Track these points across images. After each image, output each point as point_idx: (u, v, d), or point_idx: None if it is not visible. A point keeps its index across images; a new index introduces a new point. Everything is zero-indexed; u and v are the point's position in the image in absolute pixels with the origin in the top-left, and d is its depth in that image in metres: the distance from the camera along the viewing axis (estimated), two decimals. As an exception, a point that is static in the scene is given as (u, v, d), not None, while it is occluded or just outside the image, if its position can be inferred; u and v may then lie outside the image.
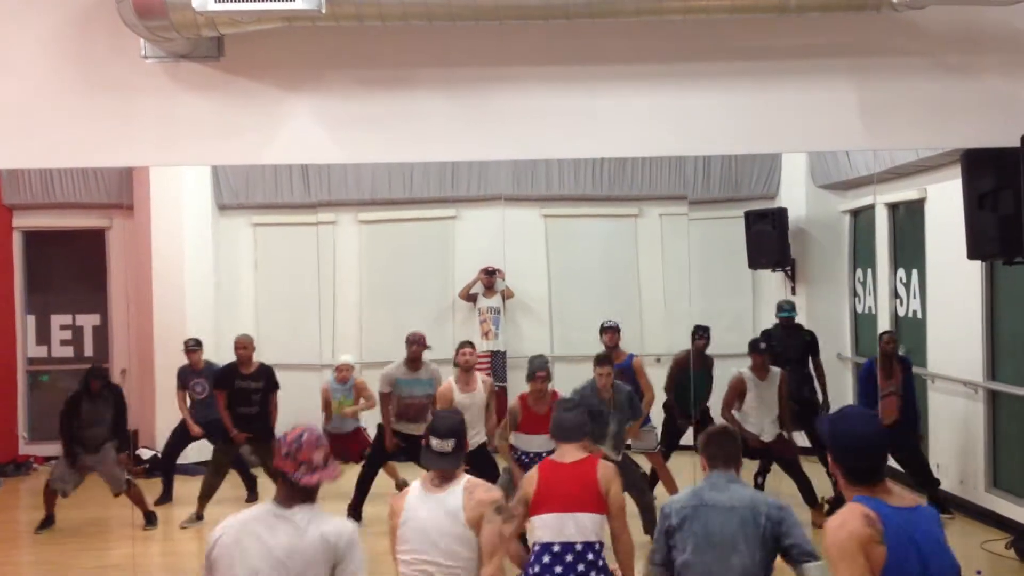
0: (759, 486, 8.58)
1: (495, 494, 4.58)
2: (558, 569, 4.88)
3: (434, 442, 4.57)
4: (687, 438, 8.71)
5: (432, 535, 4.44)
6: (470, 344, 8.23)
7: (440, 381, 8.46)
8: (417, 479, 4.67)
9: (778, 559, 4.29)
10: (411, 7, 5.37)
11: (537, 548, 4.99)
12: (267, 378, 8.84)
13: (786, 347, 9.19)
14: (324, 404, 9.58)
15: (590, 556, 4.91)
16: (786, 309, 9.55)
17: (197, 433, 9.24)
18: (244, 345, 8.78)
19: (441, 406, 7.93)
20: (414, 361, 8.52)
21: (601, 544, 5.00)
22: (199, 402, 9.41)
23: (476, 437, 7.84)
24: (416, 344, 8.51)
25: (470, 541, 4.45)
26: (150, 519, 8.78)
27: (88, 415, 8.62)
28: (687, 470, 4.49)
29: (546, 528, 4.97)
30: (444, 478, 4.54)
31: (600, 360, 7.64)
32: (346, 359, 9.74)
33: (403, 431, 8.58)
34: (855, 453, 3.36)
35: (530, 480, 5.12)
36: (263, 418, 8.77)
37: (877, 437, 3.43)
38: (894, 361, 8.60)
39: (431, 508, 4.49)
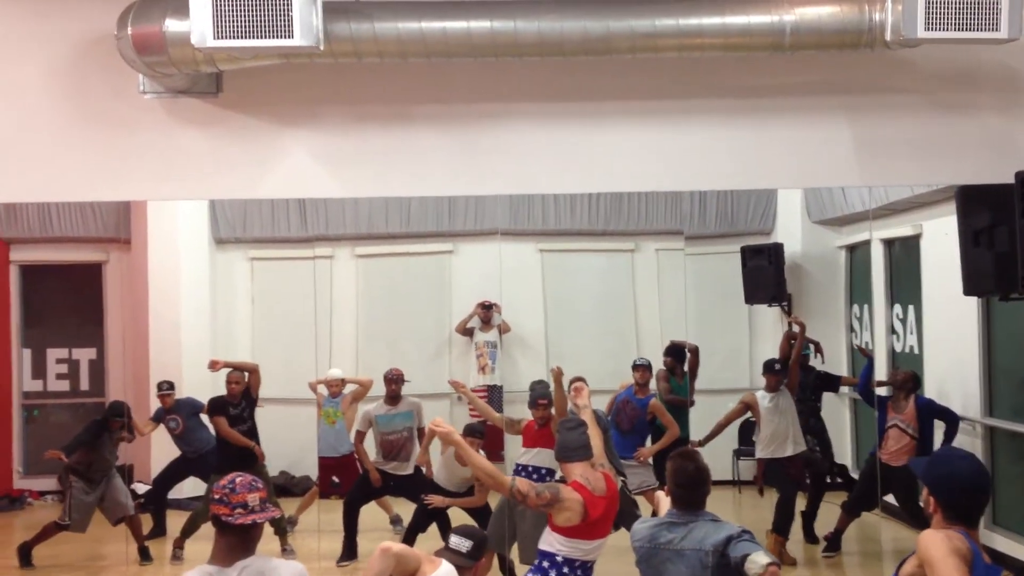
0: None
1: None
2: None
3: (453, 539, 4.88)
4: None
5: None
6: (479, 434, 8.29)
7: (421, 413, 8.89)
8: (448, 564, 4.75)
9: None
10: (408, 44, 5.41)
11: (560, 560, 5.08)
12: (249, 398, 9.05)
13: (802, 386, 9.34)
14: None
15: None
16: (804, 349, 9.59)
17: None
18: (237, 380, 8.98)
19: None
20: (393, 398, 8.86)
21: None
22: (175, 438, 9.49)
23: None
24: (394, 382, 8.90)
25: None
26: (144, 554, 8.73)
27: (105, 448, 8.81)
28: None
29: (590, 552, 5.14)
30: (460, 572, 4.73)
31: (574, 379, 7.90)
32: (335, 373, 9.78)
33: (385, 470, 8.69)
34: (953, 490, 3.38)
35: (578, 503, 5.05)
36: (255, 432, 9.01)
37: (977, 476, 3.44)
38: (904, 396, 8.60)
39: None
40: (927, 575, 3.24)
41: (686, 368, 9.82)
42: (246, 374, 8.99)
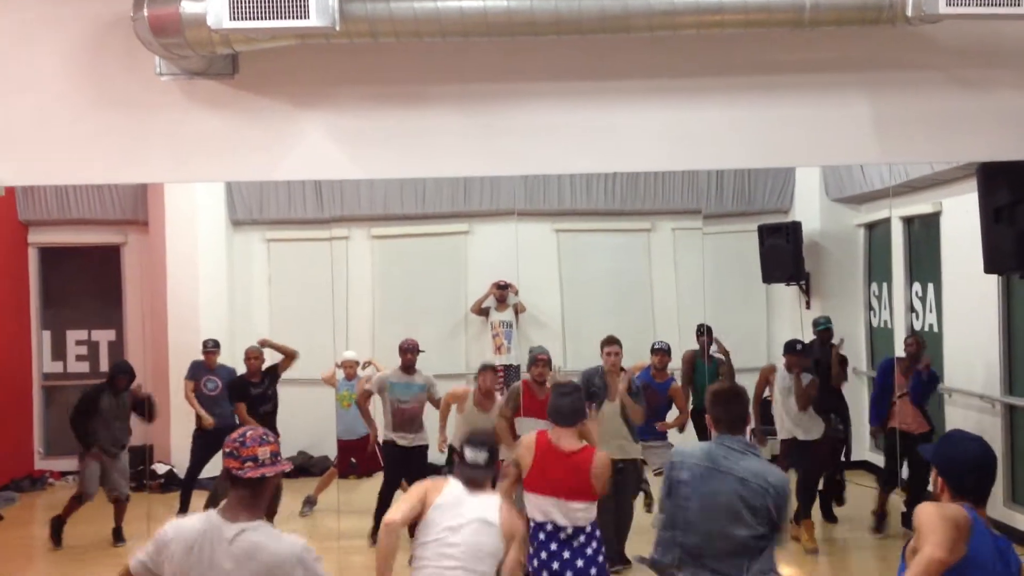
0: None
1: (522, 524, 4.72)
2: (553, 546, 5.12)
3: (468, 452, 4.69)
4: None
5: (464, 533, 4.50)
6: (492, 368, 8.43)
7: (434, 387, 8.80)
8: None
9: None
10: (424, 24, 5.39)
11: (532, 524, 5.16)
12: (272, 376, 9.18)
13: (819, 363, 9.25)
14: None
15: (579, 540, 5.14)
16: (822, 323, 9.53)
17: (210, 424, 9.19)
18: (256, 355, 9.09)
19: (449, 402, 8.42)
20: (408, 367, 8.78)
21: (593, 525, 5.22)
22: (209, 399, 9.46)
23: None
24: (410, 352, 8.78)
25: (497, 553, 4.52)
26: (117, 535, 8.90)
27: (109, 412, 8.83)
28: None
29: (535, 510, 5.17)
30: (477, 487, 4.65)
31: (609, 340, 7.82)
32: (349, 355, 9.79)
33: (397, 442, 8.65)
34: (961, 471, 3.48)
35: (528, 449, 5.21)
36: (276, 410, 9.16)
37: (984, 457, 3.53)
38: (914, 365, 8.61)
39: (470, 507, 4.56)
40: (919, 543, 3.32)
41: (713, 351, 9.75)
42: (264, 350, 9.05)
